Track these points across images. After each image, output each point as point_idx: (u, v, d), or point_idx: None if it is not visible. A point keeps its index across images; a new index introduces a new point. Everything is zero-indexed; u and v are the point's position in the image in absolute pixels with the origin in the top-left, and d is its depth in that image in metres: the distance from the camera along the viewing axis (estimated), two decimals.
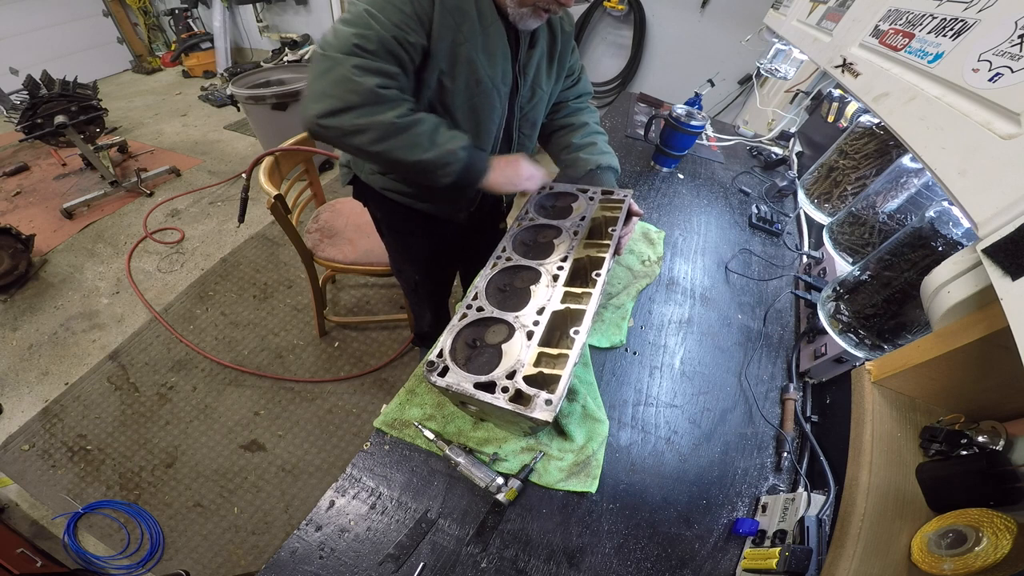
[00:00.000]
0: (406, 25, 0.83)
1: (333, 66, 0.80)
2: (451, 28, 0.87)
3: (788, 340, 1.11)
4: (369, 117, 0.83)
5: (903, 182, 1.01)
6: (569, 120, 1.21)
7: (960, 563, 0.55)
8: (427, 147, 0.87)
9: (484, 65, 0.94)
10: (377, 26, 0.81)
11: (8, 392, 1.99)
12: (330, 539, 0.69)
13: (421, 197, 1.18)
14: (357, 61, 0.80)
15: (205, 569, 1.58)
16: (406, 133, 0.85)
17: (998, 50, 0.58)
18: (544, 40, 1.05)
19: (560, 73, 1.14)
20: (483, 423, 0.83)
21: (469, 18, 0.88)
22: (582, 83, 1.26)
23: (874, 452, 0.70)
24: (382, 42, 0.81)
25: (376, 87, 0.82)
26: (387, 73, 0.84)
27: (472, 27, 0.89)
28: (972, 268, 0.57)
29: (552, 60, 1.09)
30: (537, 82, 1.08)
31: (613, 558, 0.72)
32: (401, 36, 0.83)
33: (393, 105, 0.84)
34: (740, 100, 3.28)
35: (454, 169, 0.91)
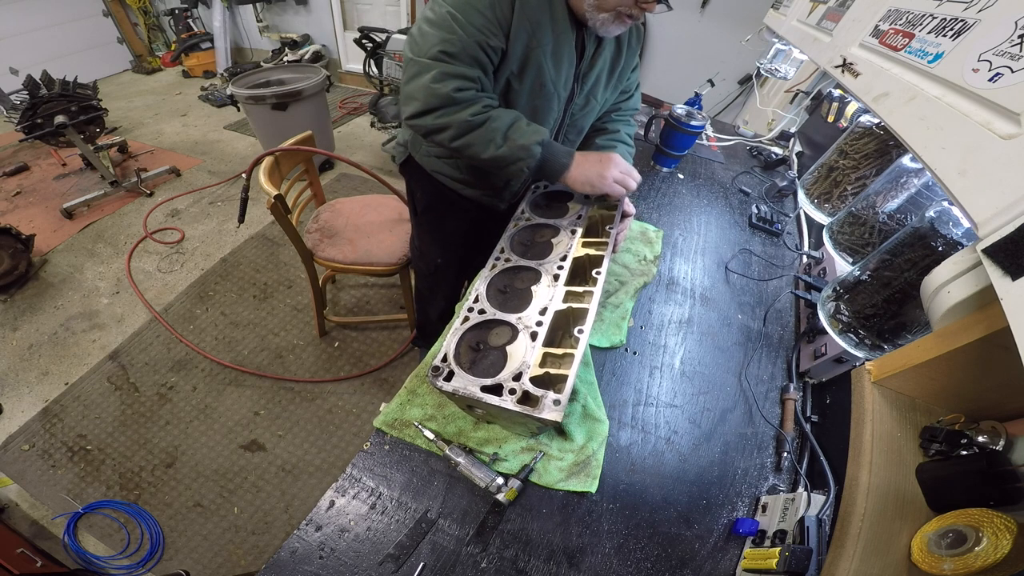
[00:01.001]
0: (487, 30, 0.87)
1: (420, 72, 0.89)
2: (527, 32, 0.90)
3: (788, 340, 1.11)
4: (448, 117, 0.90)
5: (903, 182, 1.01)
6: (603, 126, 1.22)
7: (960, 563, 0.55)
8: (500, 143, 0.92)
9: (550, 70, 0.97)
10: (461, 31, 0.85)
11: (8, 392, 1.99)
12: (330, 539, 0.69)
13: (469, 183, 1.23)
14: (441, 67, 0.87)
15: (205, 569, 1.58)
16: (480, 129, 0.91)
17: (998, 50, 0.58)
18: (609, 51, 1.06)
19: (617, 86, 1.16)
20: (484, 423, 0.83)
21: (543, 24, 0.91)
22: (633, 100, 1.27)
23: (874, 452, 0.70)
24: (465, 47, 0.86)
25: (453, 91, 0.88)
26: (466, 76, 0.89)
27: (545, 32, 0.91)
28: (972, 268, 0.57)
29: (613, 73, 1.10)
30: (593, 92, 1.09)
31: (613, 558, 0.72)
32: (483, 40, 0.87)
33: (468, 104, 0.90)
34: (740, 100, 3.28)
35: (528, 164, 0.93)
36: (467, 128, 0.91)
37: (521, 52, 0.92)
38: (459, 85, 0.88)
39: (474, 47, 0.87)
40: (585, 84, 1.06)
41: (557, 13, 0.92)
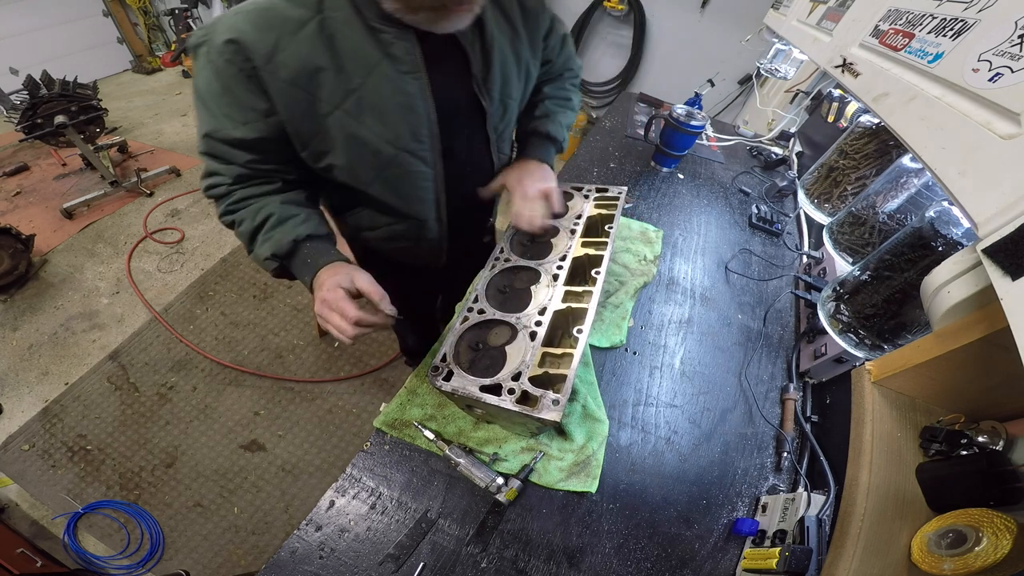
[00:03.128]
0: (234, 117, 0.69)
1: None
2: (303, 101, 0.69)
3: (788, 340, 1.10)
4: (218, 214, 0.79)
5: (903, 182, 1.01)
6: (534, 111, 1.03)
7: (960, 563, 0.55)
8: (248, 248, 0.79)
9: (372, 130, 0.74)
10: (209, 119, 0.70)
11: (8, 392, 1.99)
12: (330, 539, 0.69)
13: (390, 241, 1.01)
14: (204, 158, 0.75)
15: (205, 569, 1.58)
16: (237, 231, 0.78)
17: (998, 50, 0.58)
18: (504, 36, 0.82)
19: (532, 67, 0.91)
20: (484, 423, 0.83)
21: (327, 79, 0.68)
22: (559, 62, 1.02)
23: (874, 452, 0.70)
24: (214, 136, 0.71)
25: (204, 190, 0.77)
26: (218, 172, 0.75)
27: (337, 88, 0.70)
28: (972, 268, 0.57)
29: (519, 59, 0.87)
30: (507, 93, 0.87)
31: (613, 558, 0.72)
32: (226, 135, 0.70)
33: (220, 203, 0.77)
34: (740, 100, 3.28)
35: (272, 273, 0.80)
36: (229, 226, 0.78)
37: (311, 125, 0.72)
38: (210, 182, 0.76)
39: (219, 144, 0.72)
40: (491, 91, 0.84)
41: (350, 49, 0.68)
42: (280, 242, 0.75)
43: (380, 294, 0.73)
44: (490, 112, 0.87)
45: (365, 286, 0.73)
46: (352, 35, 0.68)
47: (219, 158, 0.74)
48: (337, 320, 0.70)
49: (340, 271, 0.74)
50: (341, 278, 0.73)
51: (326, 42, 0.67)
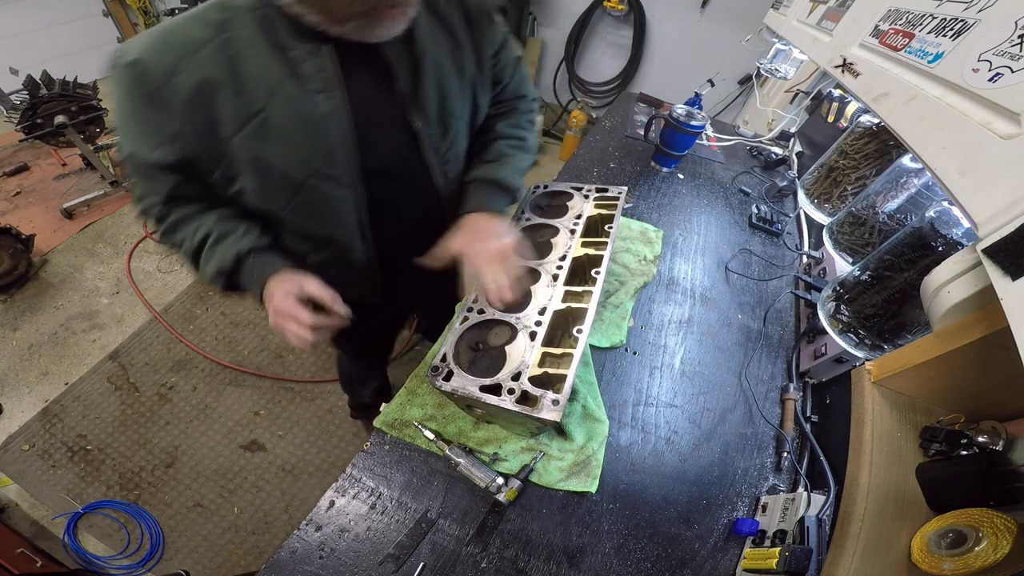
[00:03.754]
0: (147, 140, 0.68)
1: None
2: (204, 123, 0.66)
3: (788, 340, 1.10)
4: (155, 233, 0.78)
5: (903, 182, 1.01)
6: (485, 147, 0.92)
7: (960, 563, 0.55)
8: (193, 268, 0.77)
9: (279, 154, 0.70)
10: (127, 142, 0.69)
11: (8, 392, 1.99)
12: (330, 539, 0.69)
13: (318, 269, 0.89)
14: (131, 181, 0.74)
15: (205, 569, 1.58)
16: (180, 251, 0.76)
17: (998, 50, 0.58)
18: (441, 47, 0.75)
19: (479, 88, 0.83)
20: (484, 423, 0.83)
21: (226, 100, 0.65)
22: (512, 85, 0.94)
23: (874, 452, 0.70)
24: (135, 159, 0.69)
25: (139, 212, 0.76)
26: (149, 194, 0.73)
27: (238, 110, 0.66)
28: (972, 268, 0.57)
29: (462, 72, 0.79)
30: (447, 111, 0.79)
31: (613, 558, 0.72)
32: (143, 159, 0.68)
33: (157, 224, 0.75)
34: (740, 100, 3.28)
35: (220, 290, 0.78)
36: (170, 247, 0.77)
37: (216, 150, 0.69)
38: (145, 205, 0.74)
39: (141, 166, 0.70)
40: (424, 111, 0.76)
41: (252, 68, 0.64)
42: (223, 258, 0.73)
43: (331, 296, 0.74)
44: (424, 133, 0.78)
45: (315, 290, 0.73)
46: (255, 55, 0.64)
47: (145, 181, 0.72)
48: (294, 327, 0.70)
49: (288, 280, 0.74)
50: (290, 286, 0.72)
51: (226, 62, 0.63)
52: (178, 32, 0.63)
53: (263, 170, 0.71)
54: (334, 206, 0.78)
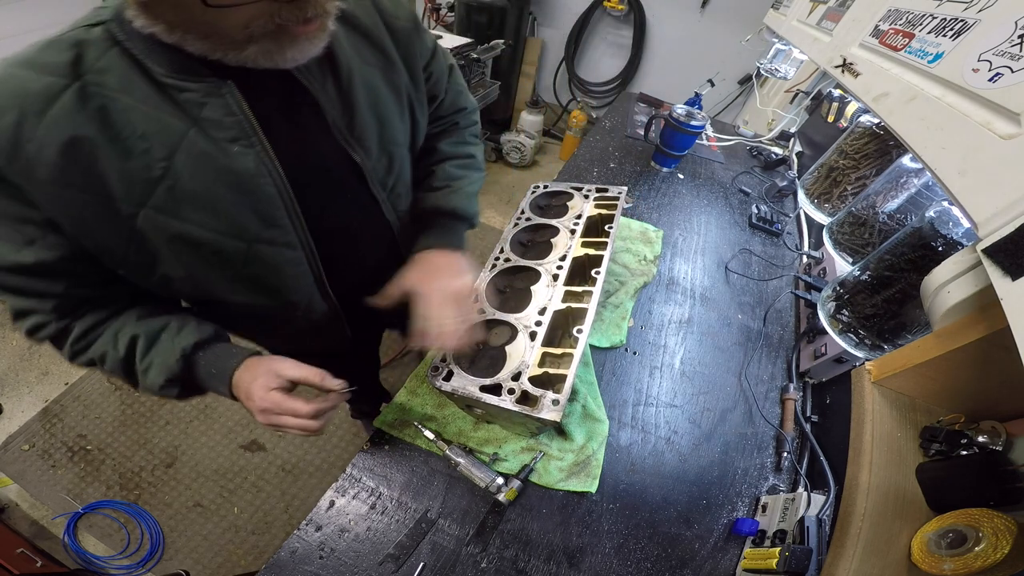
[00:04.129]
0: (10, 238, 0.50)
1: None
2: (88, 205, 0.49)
3: (788, 340, 1.10)
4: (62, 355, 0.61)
5: (903, 182, 1.01)
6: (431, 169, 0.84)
7: (960, 563, 0.55)
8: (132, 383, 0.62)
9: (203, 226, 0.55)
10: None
11: (8, 392, 1.99)
12: (330, 539, 0.69)
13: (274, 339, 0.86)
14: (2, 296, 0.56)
15: (205, 569, 1.58)
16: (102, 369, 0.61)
17: (998, 50, 0.58)
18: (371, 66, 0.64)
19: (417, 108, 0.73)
20: (484, 423, 0.83)
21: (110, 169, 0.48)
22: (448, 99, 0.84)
23: (874, 452, 0.70)
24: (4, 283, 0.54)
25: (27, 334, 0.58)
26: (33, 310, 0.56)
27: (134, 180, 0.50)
28: (972, 268, 0.57)
29: (398, 92, 0.68)
30: (389, 139, 0.69)
31: (613, 558, 0.72)
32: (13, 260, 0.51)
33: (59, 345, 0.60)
34: (740, 100, 3.28)
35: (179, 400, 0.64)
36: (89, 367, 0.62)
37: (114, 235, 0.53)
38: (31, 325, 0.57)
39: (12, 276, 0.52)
40: (364, 142, 0.65)
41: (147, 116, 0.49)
42: (167, 365, 0.59)
43: (318, 374, 0.62)
44: (368, 167, 0.67)
45: (296, 374, 0.61)
46: (136, 102, 0.48)
47: (23, 293, 0.55)
48: (293, 422, 0.60)
49: (259, 372, 0.61)
50: (266, 379, 0.60)
51: (96, 116, 0.47)
52: (6, 85, 0.45)
53: (188, 251, 0.56)
54: (285, 270, 0.65)
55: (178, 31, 0.46)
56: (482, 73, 3.15)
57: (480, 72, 3.10)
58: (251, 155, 0.55)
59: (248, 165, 0.55)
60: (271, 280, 0.66)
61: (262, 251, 0.61)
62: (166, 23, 0.45)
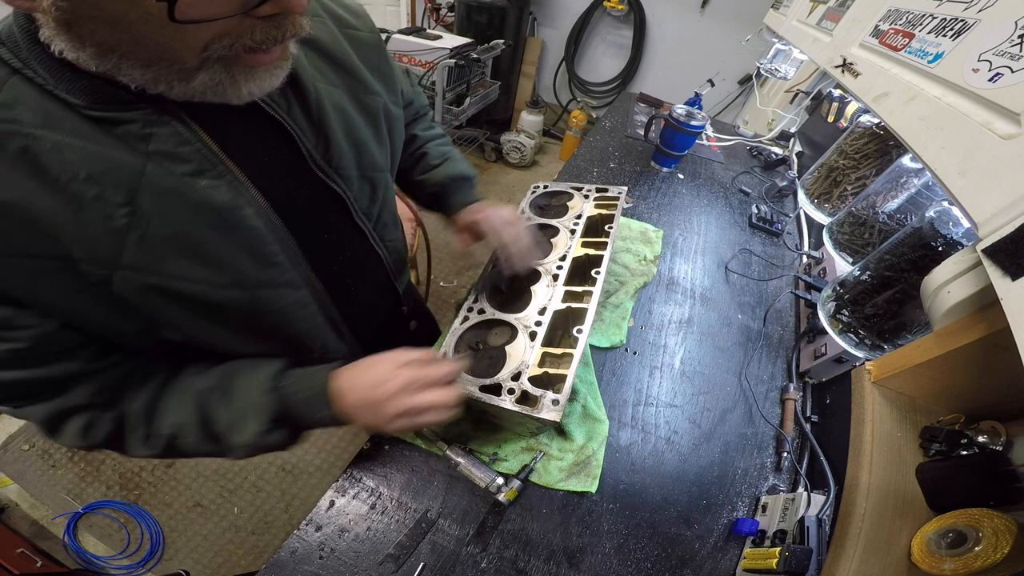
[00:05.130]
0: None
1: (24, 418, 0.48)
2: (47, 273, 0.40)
3: (788, 340, 1.11)
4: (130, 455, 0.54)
5: (903, 182, 1.01)
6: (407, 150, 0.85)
7: (960, 563, 0.55)
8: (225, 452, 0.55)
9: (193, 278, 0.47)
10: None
11: None
12: (330, 539, 0.69)
13: None
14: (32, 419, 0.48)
15: (205, 569, 1.58)
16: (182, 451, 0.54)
17: (998, 50, 0.58)
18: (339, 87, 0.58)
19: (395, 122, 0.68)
20: (485, 424, 0.83)
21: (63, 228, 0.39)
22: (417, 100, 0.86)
23: (874, 452, 0.70)
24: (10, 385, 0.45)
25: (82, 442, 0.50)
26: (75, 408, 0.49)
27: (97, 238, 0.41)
28: (972, 268, 0.57)
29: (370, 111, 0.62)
30: (369, 164, 0.62)
31: (613, 558, 0.72)
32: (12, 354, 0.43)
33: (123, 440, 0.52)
34: (740, 100, 3.29)
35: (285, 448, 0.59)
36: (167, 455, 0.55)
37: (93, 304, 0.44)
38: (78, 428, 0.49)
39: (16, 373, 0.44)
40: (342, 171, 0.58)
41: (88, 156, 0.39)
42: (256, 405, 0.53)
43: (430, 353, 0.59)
44: (351, 197, 0.61)
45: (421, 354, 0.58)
46: (65, 138, 0.38)
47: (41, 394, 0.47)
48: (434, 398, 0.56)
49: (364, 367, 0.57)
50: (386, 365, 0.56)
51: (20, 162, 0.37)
52: None
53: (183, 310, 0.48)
54: (295, 316, 0.58)
55: (112, 56, 0.36)
56: (482, 73, 3.16)
57: (480, 72, 3.10)
58: (223, 185, 0.46)
59: (224, 197, 0.46)
60: (282, 329, 0.58)
61: (264, 297, 0.53)
62: (96, 46, 0.35)
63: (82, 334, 0.46)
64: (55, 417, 0.48)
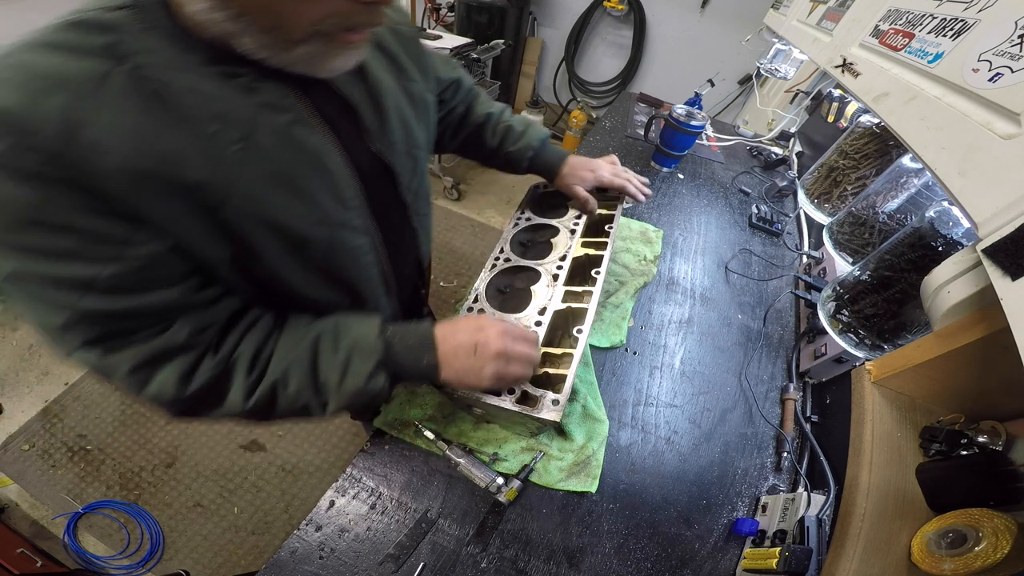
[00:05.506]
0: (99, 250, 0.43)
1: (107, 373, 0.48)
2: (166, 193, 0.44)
3: (788, 340, 1.11)
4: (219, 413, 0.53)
5: (903, 182, 1.01)
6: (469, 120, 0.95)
7: (960, 563, 0.55)
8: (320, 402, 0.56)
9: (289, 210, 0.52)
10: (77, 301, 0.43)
11: (8, 392, 1.99)
12: (330, 539, 0.69)
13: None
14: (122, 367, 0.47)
15: (205, 569, 1.58)
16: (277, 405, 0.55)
17: (998, 50, 0.58)
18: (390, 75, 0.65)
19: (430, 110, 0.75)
20: (485, 424, 0.83)
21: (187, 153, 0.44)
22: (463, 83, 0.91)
23: (874, 452, 0.70)
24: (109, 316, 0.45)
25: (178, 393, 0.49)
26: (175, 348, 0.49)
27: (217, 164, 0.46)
28: (972, 268, 0.57)
29: (413, 98, 0.70)
30: (412, 144, 0.69)
31: (613, 558, 0.72)
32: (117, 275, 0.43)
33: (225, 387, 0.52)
34: (740, 100, 3.29)
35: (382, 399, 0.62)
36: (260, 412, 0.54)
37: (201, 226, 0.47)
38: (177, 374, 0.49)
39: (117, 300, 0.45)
40: (394, 144, 0.65)
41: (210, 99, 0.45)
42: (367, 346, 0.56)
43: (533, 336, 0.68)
44: (399, 171, 0.67)
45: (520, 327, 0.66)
46: (192, 83, 0.44)
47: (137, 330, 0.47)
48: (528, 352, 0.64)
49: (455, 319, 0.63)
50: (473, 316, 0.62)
51: (154, 101, 0.42)
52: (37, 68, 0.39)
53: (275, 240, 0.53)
54: (359, 262, 0.65)
55: (244, 19, 0.42)
56: (482, 73, 3.16)
57: (480, 72, 3.10)
58: (316, 134, 0.53)
59: (316, 142, 0.53)
60: (346, 273, 0.64)
61: (340, 237, 0.59)
62: (238, 7, 0.41)
63: (186, 262, 0.48)
64: (150, 361, 0.48)
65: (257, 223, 0.50)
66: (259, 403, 0.53)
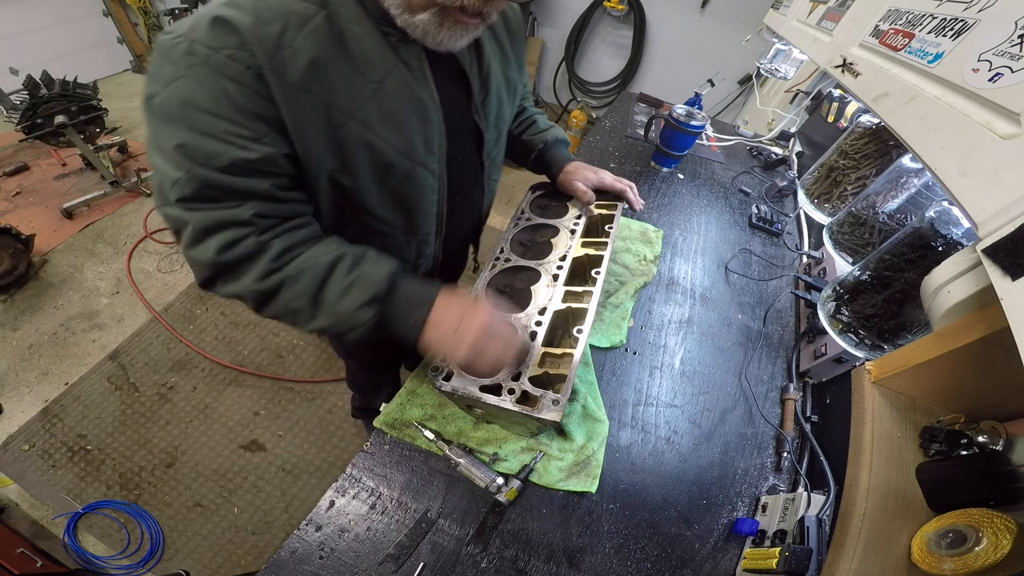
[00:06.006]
0: (238, 139, 0.55)
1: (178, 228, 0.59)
2: (315, 108, 0.59)
3: (788, 340, 1.10)
4: (232, 286, 0.62)
5: (903, 182, 1.01)
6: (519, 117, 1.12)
7: (960, 563, 0.55)
8: (312, 312, 0.63)
9: (388, 141, 0.66)
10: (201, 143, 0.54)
11: (8, 392, 1.99)
12: (330, 539, 0.69)
13: None
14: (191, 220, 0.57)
15: (205, 569, 1.58)
16: (280, 296, 0.62)
17: (998, 50, 0.58)
18: (496, 59, 0.79)
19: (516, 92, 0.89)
20: (484, 423, 0.83)
21: (341, 83, 0.60)
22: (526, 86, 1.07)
23: (874, 452, 0.70)
24: (208, 182, 0.55)
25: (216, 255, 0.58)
26: (232, 222, 0.58)
27: (352, 94, 0.61)
28: (972, 268, 0.57)
29: (509, 84, 0.85)
30: (501, 118, 0.85)
31: (613, 558, 0.72)
32: (238, 158, 0.55)
33: (247, 263, 0.60)
34: (740, 100, 3.29)
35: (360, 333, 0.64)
36: (262, 298, 0.62)
37: (324, 139, 0.61)
38: (223, 241, 0.58)
39: (224, 176, 0.56)
40: (488, 115, 0.81)
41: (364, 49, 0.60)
42: (373, 281, 0.63)
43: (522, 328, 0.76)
44: (487, 138, 0.83)
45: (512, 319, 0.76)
46: (363, 34, 0.60)
47: (220, 201, 0.57)
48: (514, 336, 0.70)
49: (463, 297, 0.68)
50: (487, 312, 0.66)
51: (336, 40, 0.58)
52: (271, 2, 0.55)
53: (370, 160, 0.66)
54: (424, 195, 0.78)
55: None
56: None
57: None
58: (427, 92, 0.68)
59: (427, 98, 0.68)
60: (412, 200, 0.77)
61: (417, 172, 0.73)
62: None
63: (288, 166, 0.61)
64: (212, 227, 0.58)
65: (362, 144, 0.64)
66: (265, 288, 0.61)
